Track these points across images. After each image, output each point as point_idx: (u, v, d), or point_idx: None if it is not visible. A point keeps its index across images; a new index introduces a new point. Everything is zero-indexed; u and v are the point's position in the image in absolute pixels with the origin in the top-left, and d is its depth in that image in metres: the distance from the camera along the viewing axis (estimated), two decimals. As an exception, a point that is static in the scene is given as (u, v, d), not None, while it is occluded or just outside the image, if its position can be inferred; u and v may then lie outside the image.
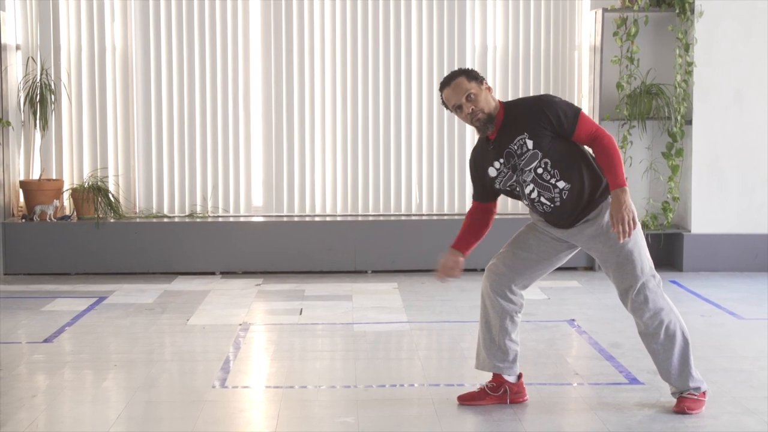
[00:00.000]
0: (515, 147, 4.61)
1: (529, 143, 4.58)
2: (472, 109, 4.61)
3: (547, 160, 4.59)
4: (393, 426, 4.65)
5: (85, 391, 5.28)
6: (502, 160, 4.66)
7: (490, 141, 4.69)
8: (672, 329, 4.70)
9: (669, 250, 8.96)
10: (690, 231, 8.80)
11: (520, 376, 4.94)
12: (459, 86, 4.62)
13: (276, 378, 5.49)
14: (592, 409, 4.85)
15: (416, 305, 7.39)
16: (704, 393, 4.79)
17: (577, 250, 4.89)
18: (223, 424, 4.70)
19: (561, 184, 4.62)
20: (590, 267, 8.76)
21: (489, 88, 4.67)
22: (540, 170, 4.61)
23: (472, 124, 4.67)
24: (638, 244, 4.67)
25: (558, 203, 4.65)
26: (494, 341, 4.87)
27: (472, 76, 4.65)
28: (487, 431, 4.60)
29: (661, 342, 4.72)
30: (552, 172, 4.60)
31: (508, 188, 4.73)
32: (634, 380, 5.33)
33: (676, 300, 7.34)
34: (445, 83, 4.67)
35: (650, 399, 4.97)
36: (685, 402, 4.75)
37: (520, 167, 4.62)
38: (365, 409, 4.85)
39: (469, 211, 4.90)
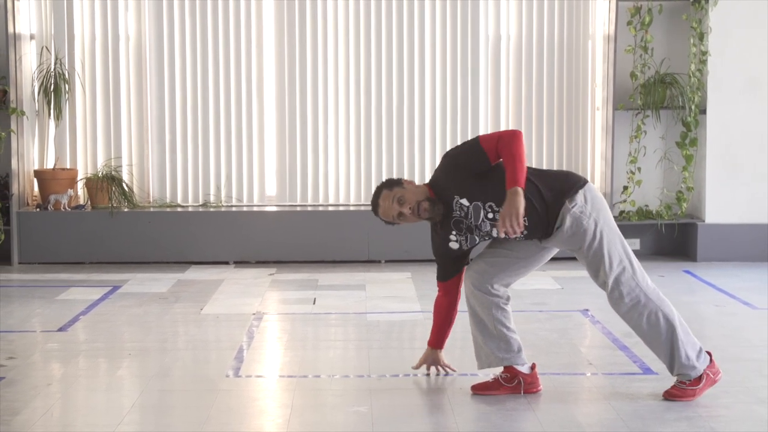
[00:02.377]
0: (457, 211, 4.67)
1: (464, 201, 4.65)
2: (410, 207, 4.70)
3: (490, 203, 4.63)
4: (406, 415, 4.66)
5: (100, 380, 5.31)
6: (455, 231, 4.73)
7: (438, 222, 4.77)
8: (653, 319, 4.69)
9: (683, 239, 8.94)
10: (704, 221, 8.78)
11: (533, 367, 4.95)
12: (386, 198, 4.73)
13: (289, 367, 5.51)
14: (605, 399, 4.86)
15: (429, 295, 7.36)
16: (699, 378, 4.75)
17: (558, 250, 4.92)
18: (237, 412, 4.72)
19: None
20: (603, 257, 8.73)
21: (410, 183, 4.77)
22: (491, 215, 4.65)
23: (423, 219, 4.74)
24: (605, 238, 4.66)
25: (526, 232, 4.68)
26: (492, 335, 4.88)
27: (390, 184, 4.76)
28: (501, 420, 4.61)
29: (645, 332, 4.73)
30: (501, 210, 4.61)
31: (477, 244, 4.79)
32: (647, 370, 5.32)
33: (689, 290, 7.36)
34: (373, 205, 4.79)
35: (664, 388, 4.94)
36: (672, 390, 4.78)
37: (474, 225, 4.67)
38: (378, 399, 4.86)
39: (435, 303, 5.07)
